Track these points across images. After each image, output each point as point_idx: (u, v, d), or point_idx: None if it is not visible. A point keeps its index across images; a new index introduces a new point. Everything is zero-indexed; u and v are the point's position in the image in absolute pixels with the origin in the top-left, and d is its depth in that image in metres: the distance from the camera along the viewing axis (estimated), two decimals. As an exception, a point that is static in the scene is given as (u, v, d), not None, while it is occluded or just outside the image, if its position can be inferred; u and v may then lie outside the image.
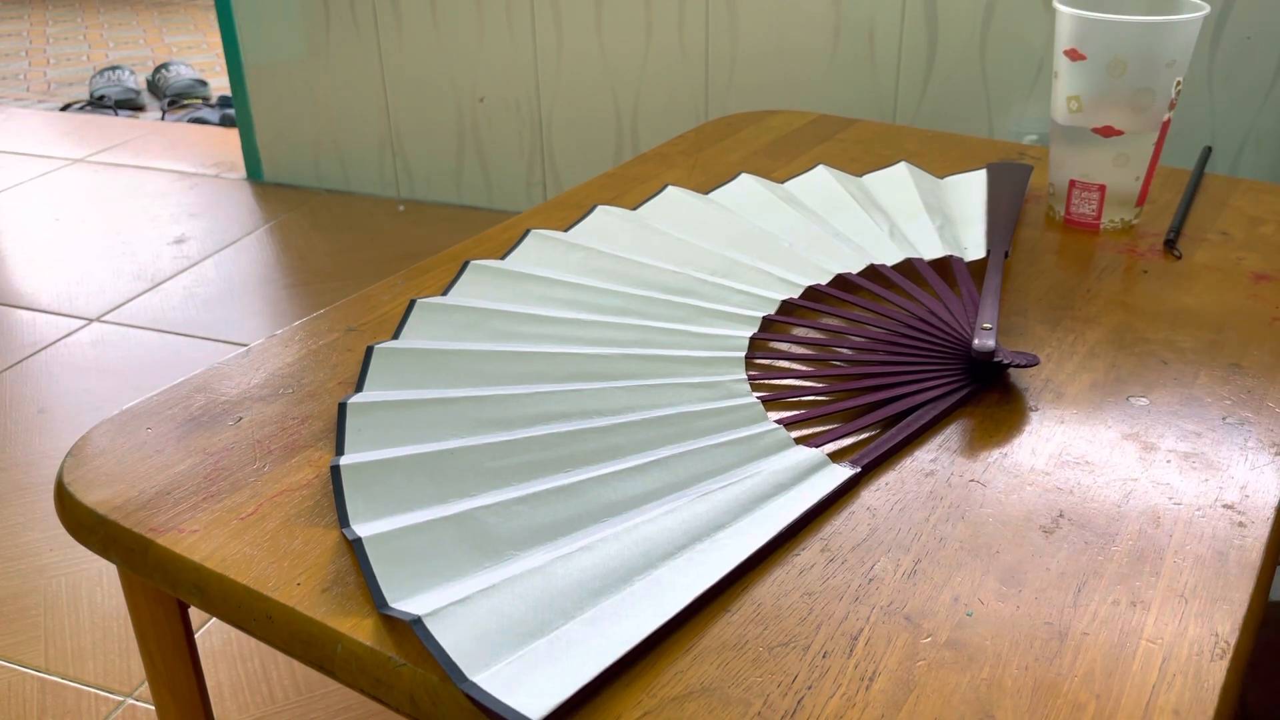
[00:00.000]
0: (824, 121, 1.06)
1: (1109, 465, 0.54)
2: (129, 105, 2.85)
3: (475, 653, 0.42)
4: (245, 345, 0.67)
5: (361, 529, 0.49)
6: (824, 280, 0.72)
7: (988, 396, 0.60)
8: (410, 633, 0.44)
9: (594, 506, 0.51)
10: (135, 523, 0.51)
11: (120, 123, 2.69)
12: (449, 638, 0.43)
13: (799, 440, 0.56)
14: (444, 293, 0.71)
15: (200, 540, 0.50)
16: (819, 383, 0.62)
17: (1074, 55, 0.77)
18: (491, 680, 0.41)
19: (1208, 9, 0.76)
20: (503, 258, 0.76)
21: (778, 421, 0.57)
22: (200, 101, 2.86)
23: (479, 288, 0.72)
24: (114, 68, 3.00)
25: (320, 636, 0.45)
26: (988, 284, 0.70)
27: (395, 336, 0.66)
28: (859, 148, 0.98)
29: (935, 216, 0.81)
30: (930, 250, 0.76)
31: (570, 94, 1.96)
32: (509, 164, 2.06)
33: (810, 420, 0.58)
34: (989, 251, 0.75)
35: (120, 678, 1.05)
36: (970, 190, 0.86)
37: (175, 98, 2.85)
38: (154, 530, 0.51)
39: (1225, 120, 1.54)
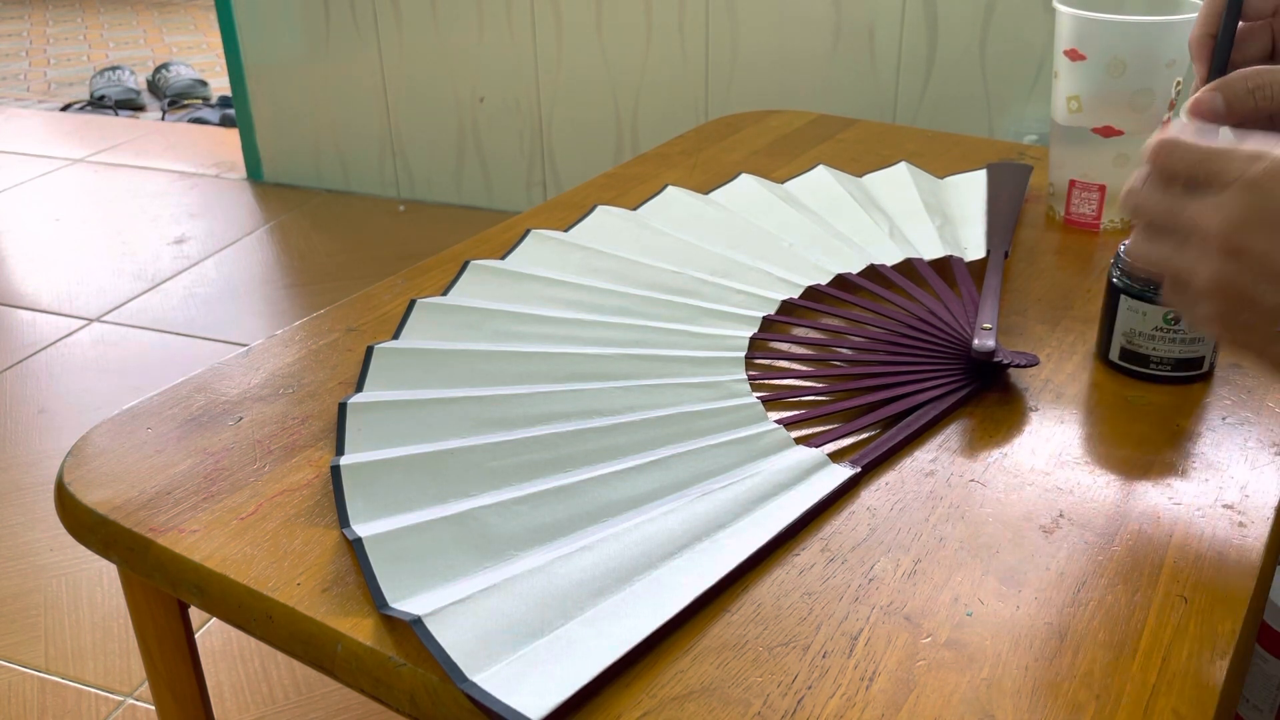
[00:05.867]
0: (824, 121, 1.06)
1: (1109, 465, 0.54)
2: (129, 105, 2.85)
3: (475, 653, 0.42)
4: (245, 345, 0.67)
5: (361, 529, 0.49)
6: (824, 280, 0.72)
7: (988, 396, 0.60)
8: (410, 633, 0.44)
9: (594, 506, 0.51)
10: (135, 523, 0.51)
11: (120, 123, 2.69)
12: (449, 638, 0.43)
13: (799, 440, 0.56)
14: (444, 293, 0.71)
15: (200, 540, 0.50)
16: (819, 383, 0.62)
17: (1074, 55, 0.77)
18: (491, 680, 0.41)
19: (1208, 9, 0.76)
20: (503, 258, 0.76)
21: (778, 421, 0.57)
22: (200, 101, 2.86)
23: (479, 288, 0.72)
24: (114, 68, 3.00)
25: (320, 636, 0.45)
26: (988, 284, 0.70)
27: (395, 336, 0.66)
28: (859, 148, 0.98)
29: (935, 216, 0.81)
30: (930, 250, 0.75)
31: (570, 94, 1.96)
32: (509, 164, 2.06)
33: (810, 420, 0.58)
34: (989, 251, 0.75)
35: (120, 678, 1.05)
36: (970, 190, 0.86)
37: (175, 98, 2.85)
38: (154, 530, 0.51)
39: (1225, 120, 1.54)
